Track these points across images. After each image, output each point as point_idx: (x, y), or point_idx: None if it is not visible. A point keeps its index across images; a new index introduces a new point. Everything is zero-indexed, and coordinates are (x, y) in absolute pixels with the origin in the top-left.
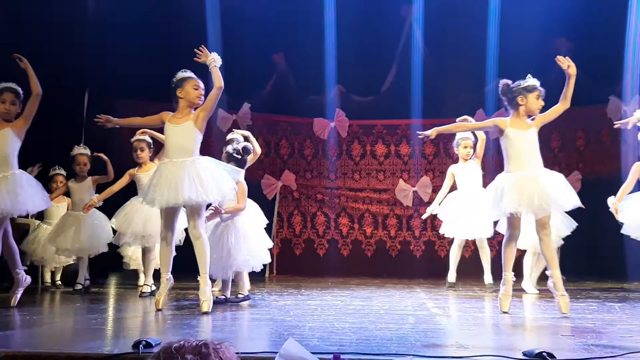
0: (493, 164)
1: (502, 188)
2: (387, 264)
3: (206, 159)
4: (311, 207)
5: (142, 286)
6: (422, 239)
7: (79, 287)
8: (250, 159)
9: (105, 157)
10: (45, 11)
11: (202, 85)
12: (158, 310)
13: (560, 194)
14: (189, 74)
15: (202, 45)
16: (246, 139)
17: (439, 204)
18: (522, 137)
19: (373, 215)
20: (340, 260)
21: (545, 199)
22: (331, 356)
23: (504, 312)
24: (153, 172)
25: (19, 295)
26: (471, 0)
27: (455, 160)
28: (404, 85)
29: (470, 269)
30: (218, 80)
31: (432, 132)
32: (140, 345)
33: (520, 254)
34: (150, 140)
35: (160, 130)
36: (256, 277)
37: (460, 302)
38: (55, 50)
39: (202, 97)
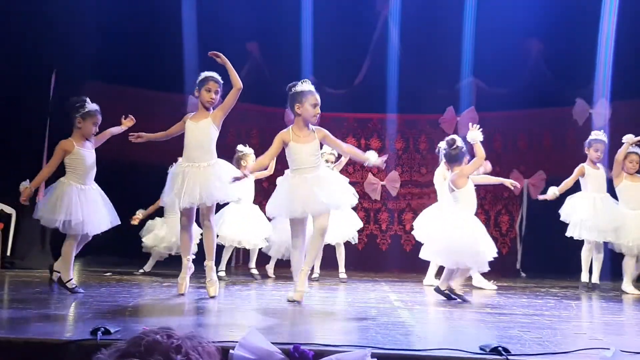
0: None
1: None
2: (354, 257)
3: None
4: None
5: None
6: (388, 233)
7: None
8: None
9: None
10: None
11: (319, 100)
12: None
13: None
14: (308, 86)
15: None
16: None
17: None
18: None
19: None
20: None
21: None
22: (291, 346)
23: None
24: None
25: (187, 282)
26: None
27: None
28: (377, 79)
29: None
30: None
31: None
32: (99, 332)
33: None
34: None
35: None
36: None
37: (422, 296)
38: (17, 30)
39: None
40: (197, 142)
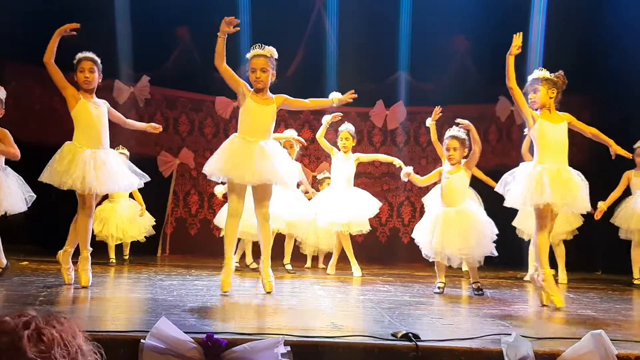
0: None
1: None
2: (282, 247)
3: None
4: (209, 186)
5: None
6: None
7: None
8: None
9: None
10: None
11: (260, 65)
12: None
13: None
14: (252, 52)
15: None
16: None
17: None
18: None
19: None
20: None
21: None
22: (204, 335)
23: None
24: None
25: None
26: None
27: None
28: (310, 70)
29: (361, 254)
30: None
31: None
32: None
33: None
34: None
35: None
36: (148, 257)
37: (344, 285)
38: None
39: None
40: (103, 127)
